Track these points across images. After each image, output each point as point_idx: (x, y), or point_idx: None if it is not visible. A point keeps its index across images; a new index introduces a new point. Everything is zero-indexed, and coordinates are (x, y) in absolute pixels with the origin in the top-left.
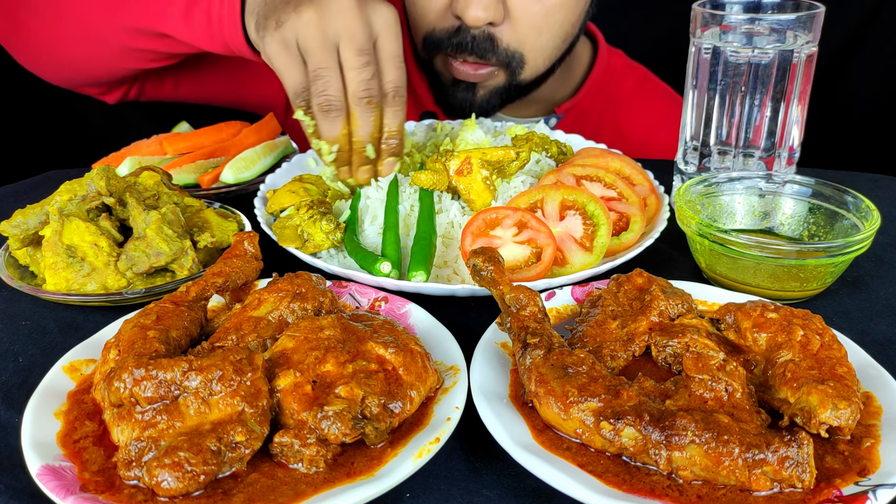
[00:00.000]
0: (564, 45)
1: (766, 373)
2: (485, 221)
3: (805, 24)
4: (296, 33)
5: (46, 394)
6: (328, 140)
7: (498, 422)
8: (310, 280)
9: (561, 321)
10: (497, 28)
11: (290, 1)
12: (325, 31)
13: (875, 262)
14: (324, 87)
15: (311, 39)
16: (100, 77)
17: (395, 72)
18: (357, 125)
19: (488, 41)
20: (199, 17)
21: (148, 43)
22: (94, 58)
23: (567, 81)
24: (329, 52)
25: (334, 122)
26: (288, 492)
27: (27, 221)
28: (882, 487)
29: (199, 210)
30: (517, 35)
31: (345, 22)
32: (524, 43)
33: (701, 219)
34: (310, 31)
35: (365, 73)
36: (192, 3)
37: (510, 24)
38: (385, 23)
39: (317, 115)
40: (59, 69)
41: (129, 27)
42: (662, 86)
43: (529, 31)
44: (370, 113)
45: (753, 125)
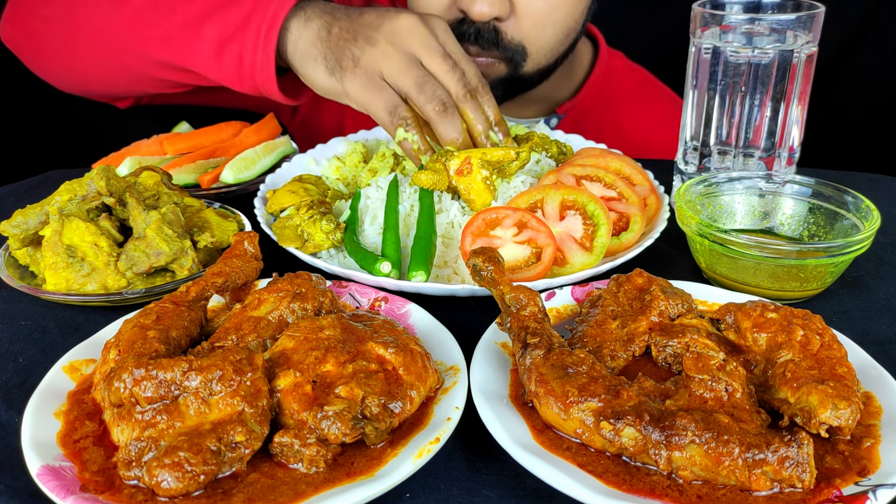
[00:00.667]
0: (567, 40)
1: (766, 373)
2: (485, 221)
3: (805, 24)
4: (377, 65)
5: (46, 394)
6: (451, 142)
7: (498, 422)
8: (310, 280)
9: (561, 321)
10: (502, 22)
11: (358, 38)
12: (405, 51)
13: (875, 262)
14: (433, 90)
15: (398, 63)
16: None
17: (471, 67)
18: (472, 121)
19: (492, 33)
20: (229, 59)
21: (171, 75)
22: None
23: (568, 82)
24: (420, 68)
25: (453, 119)
26: (288, 492)
27: (27, 221)
28: (882, 487)
29: (199, 210)
30: (521, 29)
31: (417, 38)
32: (527, 37)
33: (701, 219)
34: (391, 58)
35: (456, 73)
36: (223, 44)
37: (515, 18)
38: (444, 30)
39: (434, 120)
40: (71, 80)
41: (153, 58)
42: (663, 88)
43: (533, 26)
44: (477, 105)
45: (753, 125)
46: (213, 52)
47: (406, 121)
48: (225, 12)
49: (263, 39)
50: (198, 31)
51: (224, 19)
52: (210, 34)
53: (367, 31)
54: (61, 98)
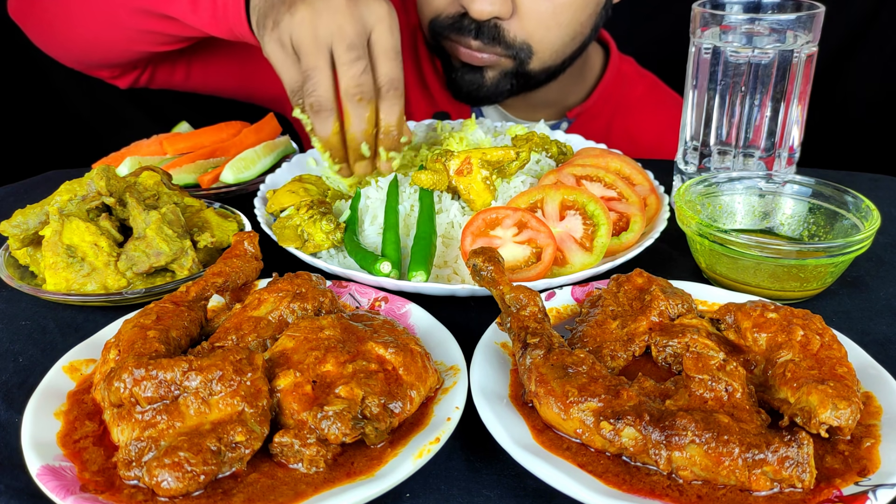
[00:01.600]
0: (574, 43)
1: (766, 373)
2: (485, 221)
3: (805, 24)
4: (290, 33)
5: (46, 394)
6: (321, 139)
7: (498, 422)
8: (310, 280)
9: (561, 321)
10: (504, 22)
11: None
12: (316, 30)
13: (875, 262)
14: (313, 88)
15: (303, 39)
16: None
17: (388, 64)
18: (350, 122)
19: (493, 30)
20: (204, 2)
21: (156, 25)
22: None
23: (579, 86)
24: (319, 52)
25: (325, 122)
26: (288, 492)
27: (27, 221)
28: (882, 487)
29: (199, 210)
30: (525, 29)
31: (335, 20)
32: (532, 36)
33: (701, 219)
34: (302, 31)
35: (355, 68)
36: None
37: (518, 18)
38: (377, 17)
39: (309, 115)
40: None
41: (138, 8)
42: (672, 94)
43: (537, 27)
44: (363, 109)
45: (753, 125)
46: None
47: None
48: None
49: None
50: None
51: None
52: None
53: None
54: (61, 98)
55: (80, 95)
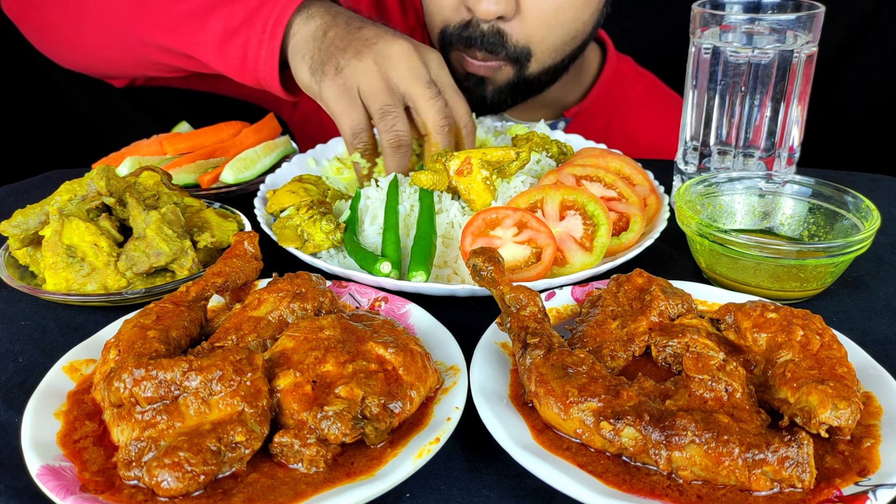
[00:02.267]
0: (574, 42)
1: (766, 373)
2: (485, 221)
3: (805, 24)
4: (356, 80)
5: (46, 394)
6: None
7: (498, 422)
8: (310, 280)
9: (561, 321)
10: (507, 23)
11: (349, 48)
12: (387, 75)
13: (875, 262)
14: (392, 123)
15: (375, 83)
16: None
17: (462, 102)
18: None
19: (497, 36)
20: (233, 51)
21: (174, 61)
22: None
23: (577, 85)
24: (394, 95)
25: (404, 157)
26: (288, 492)
27: (27, 221)
28: (882, 487)
29: (199, 210)
30: (526, 30)
31: (406, 64)
32: (532, 37)
33: (701, 219)
34: (371, 77)
35: (440, 103)
36: (228, 36)
37: (520, 18)
38: (437, 62)
39: (386, 151)
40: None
41: (157, 43)
42: (671, 94)
43: (538, 27)
44: (451, 139)
45: (753, 125)
46: (217, 42)
47: (365, 147)
48: (232, 5)
49: (269, 34)
50: (203, 21)
51: (230, 11)
52: (215, 25)
53: (359, 44)
54: (61, 97)
55: (80, 95)
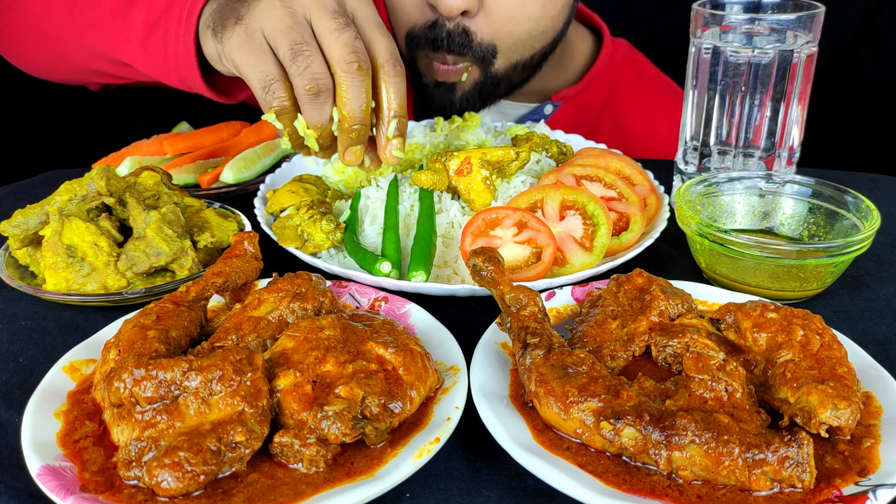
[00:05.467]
0: (544, 38)
1: (766, 373)
2: (485, 221)
3: (805, 24)
4: (259, 23)
5: (46, 394)
6: (315, 127)
7: (498, 422)
8: (310, 280)
9: (561, 321)
10: (472, 20)
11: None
12: (291, 9)
13: (875, 262)
14: (307, 64)
15: (280, 20)
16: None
17: (383, 38)
18: (347, 98)
19: (463, 35)
20: (154, 45)
21: (109, 67)
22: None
23: (560, 72)
24: (304, 29)
25: (323, 105)
26: (288, 492)
27: (27, 221)
28: (882, 487)
29: (199, 210)
30: (491, 25)
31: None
32: (498, 33)
33: (701, 219)
34: (275, 13)
35: (346, 34)
36: (149, 31)
37: (484, 14)
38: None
39: (302, 101)
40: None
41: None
42: (662, 77)
43: (504, 21)
44: (361, 80)
45: (753, 125)
46: (140, 38)
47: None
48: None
49: (185, 23)
50: (126, 15)
51: (150, 4)
52: (137, 19)
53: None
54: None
55: (79, 95)
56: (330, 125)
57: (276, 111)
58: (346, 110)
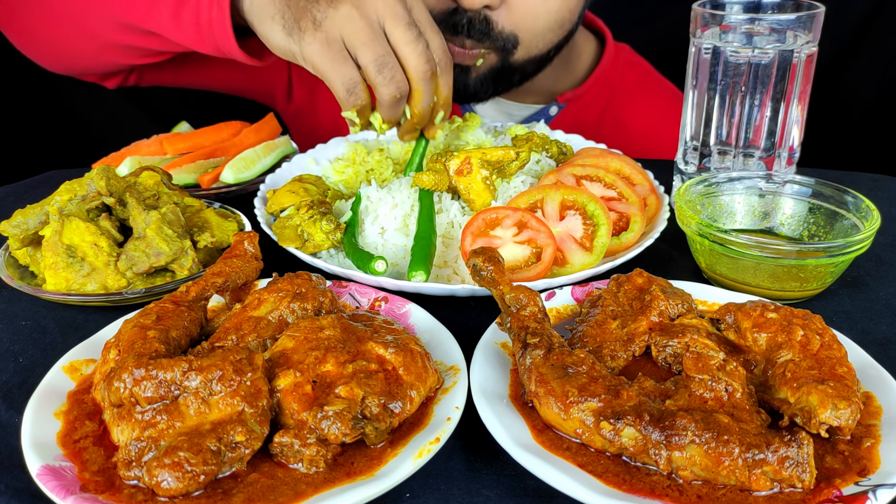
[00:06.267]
0: (562, 31)
1: (766, 373)
2: (485, 221)
3: (805, 24)
4: (339, 30)
5: (46, 394)
6: (392, 121)
7: (498, 422)
8: (310, 280)
9: (561, 321)
10: (493, 11)
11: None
12: (369, 18)
13: (875, 262)
14: (392, 75)
15: (361, 31)
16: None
17: (437, 38)
18: (421, 100)
19: (484, 23)
20: (187, 15)
21: (137, 40)
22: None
23: (567, 73)
24: (383, 40)
25: (400, 107)
26: (288, 492)
27: (27, 221)
28: (882, 487)
29: (199, 210)
30: (513, 19)
31: (382, 1)
32: (519, 25)
33: (701, 219)
34: (355, 24)
35: (420, 45)
36: (181, 2)
37: (506, 8)
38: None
39: (384, 104)
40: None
41: (118, 22)
42: (664, 82)
43: (525, 15)
44: (432, 86)
45: (753, 125)
46: (171, 10)
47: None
48: None
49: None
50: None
51: None
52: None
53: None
54: (61, 98)
55: (79, 95)
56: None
57: (357, 109)
58: (417, 109)
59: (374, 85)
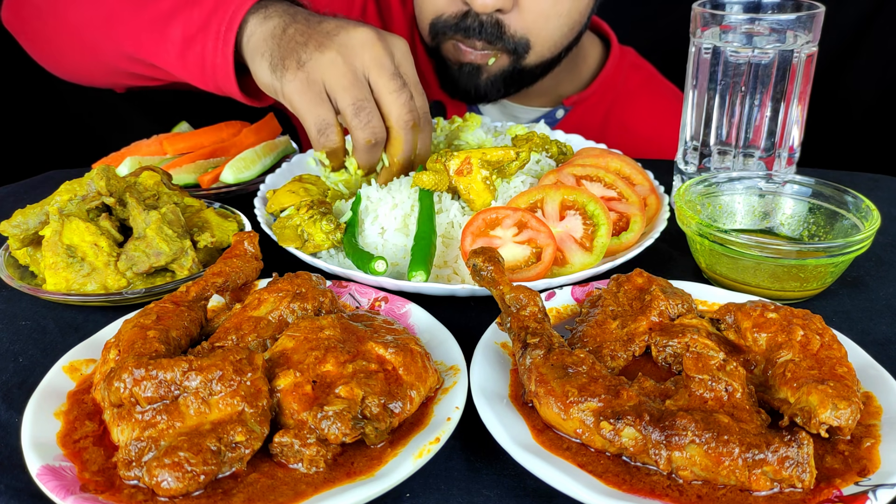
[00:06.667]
0: (572, 34)
1: (766, 373)
2: (485, 221)
3: (805, 24)
4: (321, 73)
5: (46, 394)
6: (366, 167)
7: (498, 422)
8: (310, 280)
9: (561, 321)
10: (505, 15)
11: (310, 41)
12: (353, 66)
13: (875, 262)
14: (368, 119)
15: (343, 77)
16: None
17: (421, 97)
18: (401, 149)
19: (496, 27)
20: (193, 57)
21: (143, 70)
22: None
23: (573, 76)
24: (364, 87)
25: (375, 152)
26: (288, 492)
27: (27, 221)
28: (882, 487)
29: (199, 210)
30: (525, 22)
31: (370, 53)
32: (531, 29)
33: (701, 219)
34: (338, 69)
35: (404, 96)
36: (187, 44)
37: (518, 11)
38: (403, 51)
39: (358, 149)
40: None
41: (125, 53)
42: (668, 85)
43: (537, 18)
44: (413, 136)
45: (753, 125)
46: (178, 50)
47: (333, 145)
48: (189, 11)
49: (223, 40)
50: (164, 29)
51: (188, 18)
52: (175, 33)
53: (321, 37)
54: (61, 98)
55: (80, 95)
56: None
57: (327, 152)
58: (397, 158)
59: (351, 128)
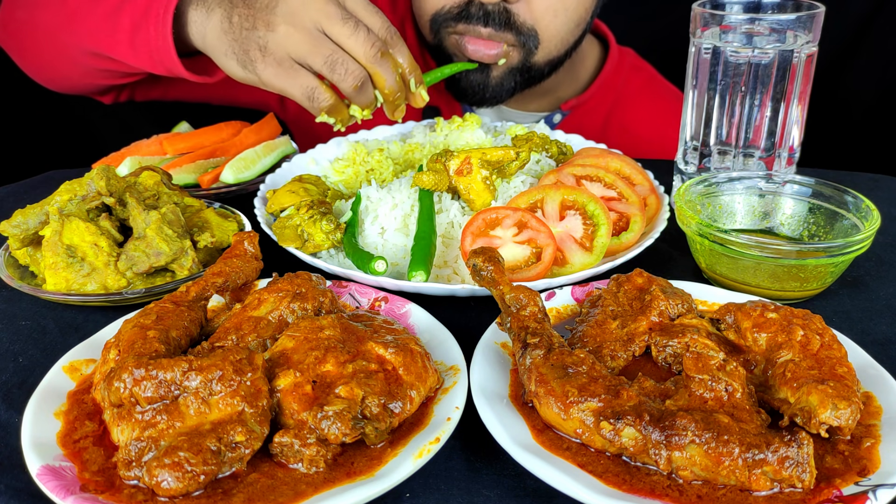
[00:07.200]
0: (578, 30)
1: (766, 373)
2: (485, 221)
3: (805, 24)
4: (284, 50)
5: (46, 394)
6: (366, 107)
7: (498, 422)
8: (310, 280)
9: (561, 321)
10: (512, 5)
11: (258, 24)
12: (305, 28)
13: (875, 262)
14: (344, 68)
15: (303, 43)
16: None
17: (376, 18)
18: (384, 79)
19: (503, 14)
20: (141, 45)
21: (107, 64)
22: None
23: (572, 77)
24: (326, 42)
25: (367, 91)
26: (288, 492)
27: (27, 221)
28: (882, 487)
29: (199, 210)
30: (532, 14)
31: (314, 7)
32: (539, 22)
33: (701, 219)
34: (294, 39)
35: (360, 33)
36: (134, 30)
37: (525, 2)
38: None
39: (350, 96)
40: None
41: (86, 50)
42: (669, 87)
43: (545, 11)
44: (388, 62)
45: (753, 125)
46: (128, 39)
47: (327, 104)
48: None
49: (162, 22)
50: (115, 19)
51: (133, 6)
52: (124, 23)
53: (264, 14)
54: (61, 98)
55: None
56: (376, 101)
57: (325, 111)
58: (386, 89)
59: (335, 83)
